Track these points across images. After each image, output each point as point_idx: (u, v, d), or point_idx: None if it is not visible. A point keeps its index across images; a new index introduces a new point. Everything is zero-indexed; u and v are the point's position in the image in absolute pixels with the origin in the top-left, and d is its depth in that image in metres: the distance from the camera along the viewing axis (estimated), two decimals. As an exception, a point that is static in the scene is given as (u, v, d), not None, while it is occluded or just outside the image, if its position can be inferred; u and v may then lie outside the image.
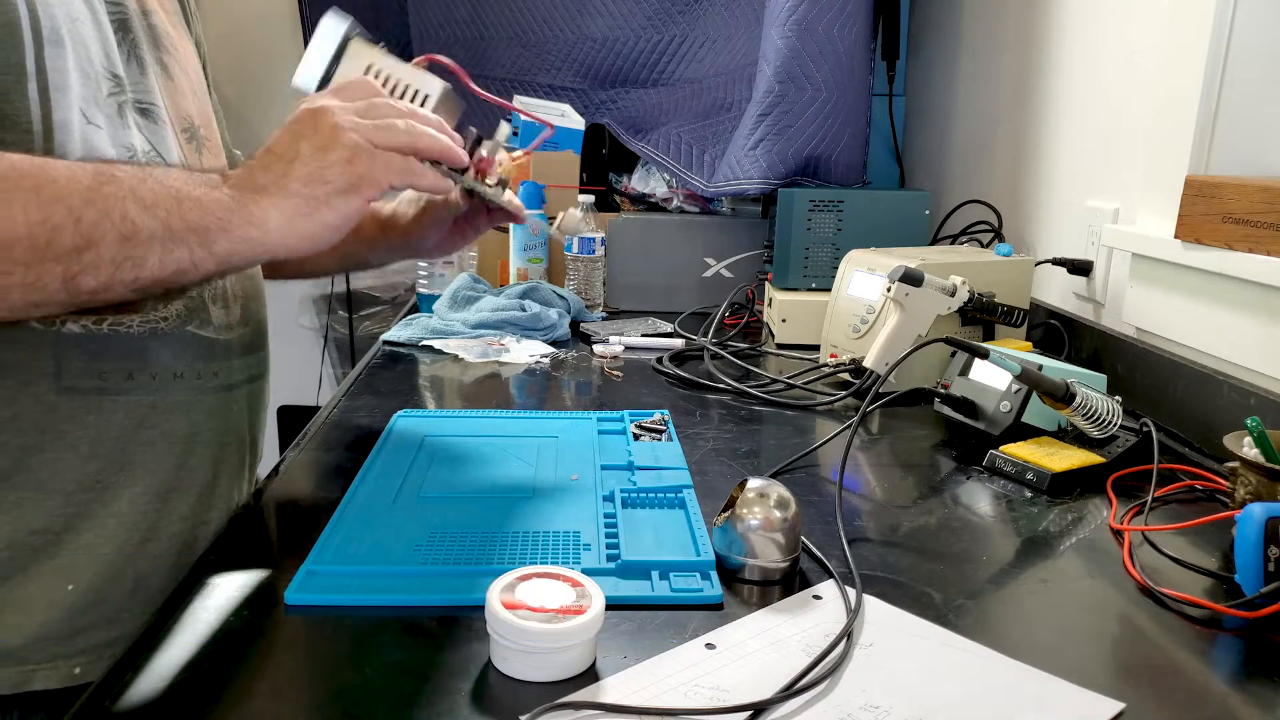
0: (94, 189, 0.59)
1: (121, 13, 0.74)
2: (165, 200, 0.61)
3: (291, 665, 0.55)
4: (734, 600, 0.64)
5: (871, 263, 1.19)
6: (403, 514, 0.76)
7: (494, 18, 2.02)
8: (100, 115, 0.69)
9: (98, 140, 0.68)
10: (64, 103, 0.66)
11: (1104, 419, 0.90)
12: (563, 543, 0.71)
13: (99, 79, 0.69)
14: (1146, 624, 0.64)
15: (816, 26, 1.50)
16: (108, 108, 0.70)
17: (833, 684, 0.55)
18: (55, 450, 0.69)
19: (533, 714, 0.50)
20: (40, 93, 0.64)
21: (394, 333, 1.35)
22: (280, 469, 0.86)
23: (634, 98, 1.90)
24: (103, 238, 0.59)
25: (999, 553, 0.74)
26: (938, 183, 1.82)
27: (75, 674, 0.70)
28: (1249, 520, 0.64)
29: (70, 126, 0.66)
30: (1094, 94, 1.29)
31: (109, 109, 0.70)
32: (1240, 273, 0.94)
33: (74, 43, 0.67)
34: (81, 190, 0.58)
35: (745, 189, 1.54)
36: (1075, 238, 1.31)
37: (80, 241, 0.58)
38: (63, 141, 0.65)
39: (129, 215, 0.59)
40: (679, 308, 1.58)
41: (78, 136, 0.66)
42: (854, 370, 1.14)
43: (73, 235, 0.58)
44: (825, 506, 0.80)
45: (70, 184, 0.58)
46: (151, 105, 0.75)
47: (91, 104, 0.68)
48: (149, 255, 0.61)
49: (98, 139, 0.68)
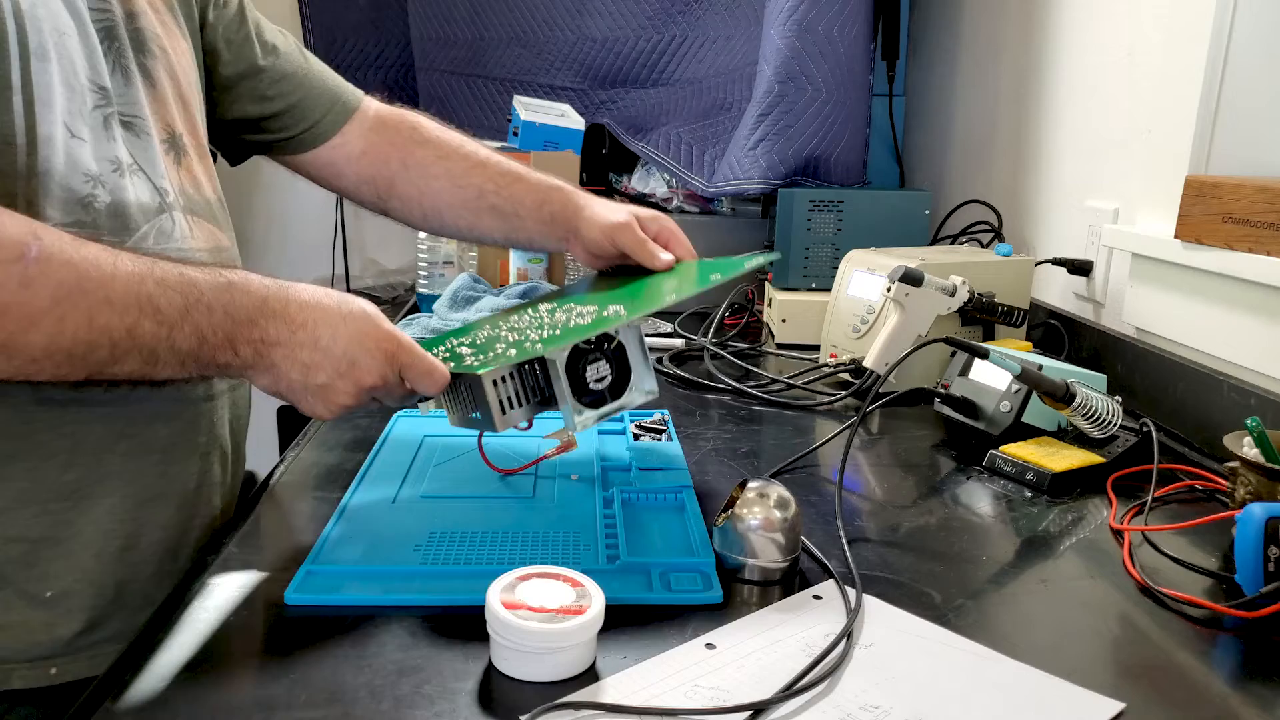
0: (135, 326, 0.62)
1: (108, 19, 0.73)
2: (196, 344, 0.64)
3: (291, 665, 0.55)
4: (734, 600, 0.64)
5: (871, 263, 1.19)
6: (403, 514, 0.76)
7: (494, 18, 2.02)
8: (85, 128, 0.69)
9: (81, 154, 0.68)
10: (48, 117, 0.65)
11: (1104, 419, 0.90)
12: (563, 543, 0.71)
13: (84, 92, 0.69)
14: (1146, 624, 0.64)
15: (816, 26, 1.50)
16: (93, 120, 0.70)
17: (833, 684, 0.55)
18: (33, 460, 0.68)
19: (533, 714, 0.50)
20: (25, 106, 0.64)
21: (394, 333, 1.35)
22: (280, 469, 0.86)
23: (634, 98, 1.90)
24: (127, 357, 0.62)
25: (999, 553, 0.74)
26: (938, 183, 1.82)
27: (51, 674, 0.70)
28: (1249, 520, 0.64)
29: (54, 141, 0.66)
30: (1094, 94, 1.29)
31: (94, 121, 0.70)
32: (1240, 273, 0.94)
33: (60, 57, 0.67)
34: (127, 326, 0.61)
35: (745, 189, 1.54)
36: (1075, 238, 1.31)
37: (111, 358, 0.62)
38: (47, 156, 0.65)
39: (157, 351, 0.63)
40: (679, 308, 1.58)
41: (61, 150, 0.66)
42: (854, 370, 1.14)
43: (108, 354, 0.61)
44: (825, 506, 0.80)
45: (124, 313, 0.61)
46: (134, 118, 0.74)
47: (76, 117, 0.68)
48: (160, 373, 0.65)
49: (81, 152, 0.68)
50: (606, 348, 0.71)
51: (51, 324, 0.59)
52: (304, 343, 0.67)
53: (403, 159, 0.99)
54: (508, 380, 0.71)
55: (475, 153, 1.00)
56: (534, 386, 0.73)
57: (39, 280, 0.58)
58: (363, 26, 2.16)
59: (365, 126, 0.99)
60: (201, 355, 0.65)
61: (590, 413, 0.70)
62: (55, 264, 0.59)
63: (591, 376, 0.70)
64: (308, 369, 0.68)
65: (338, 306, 0.69)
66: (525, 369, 0.72)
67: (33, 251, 0.58)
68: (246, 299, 0.66)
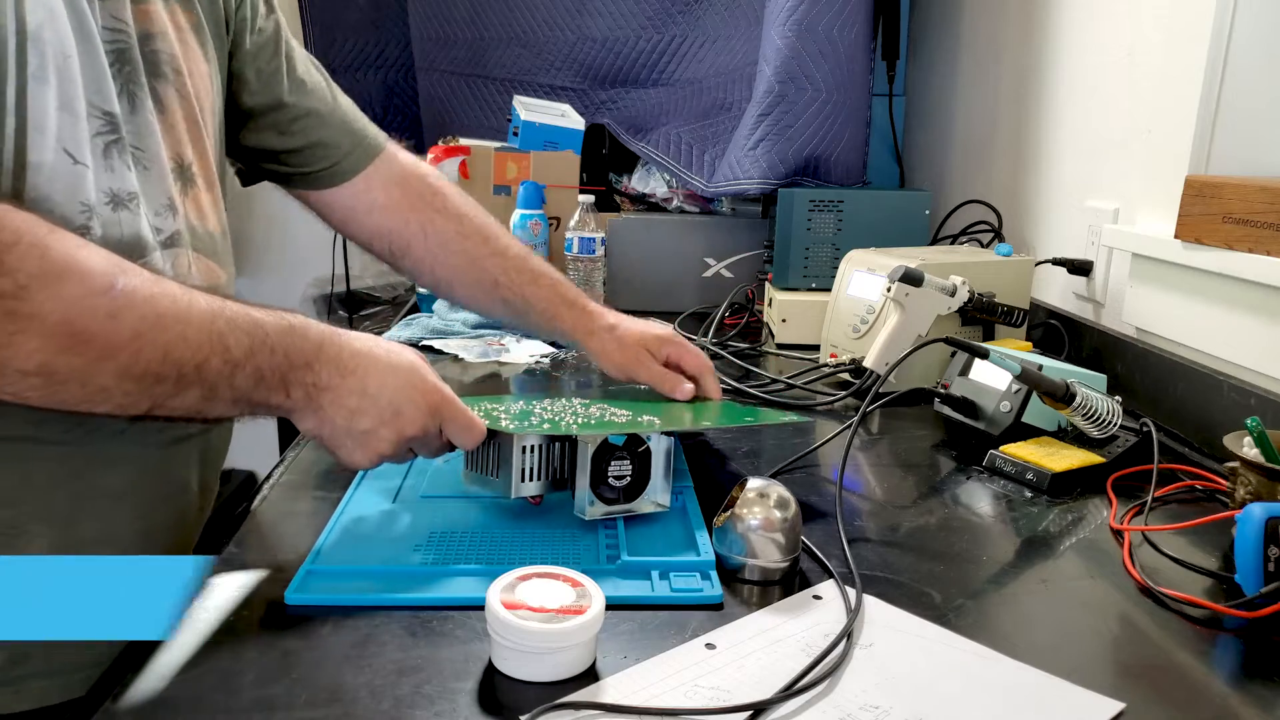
0: (204, 363, 0.62)
1: (121, 42, 0.72)
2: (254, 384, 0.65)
3: (291, 665, 0.55)
4: (734, 600, 0.64)
5: (871, 263, 1.19)
6: (403, 514, 0.76)
7: (494, 18, 2.02)
8: (87, 154, 0.67)
9: (81, 183, 0.67)
10: (40, 142, 0.64)
11: (1104, 419, 0.90)
12: (563, 543, 0.71)
13: (85, 118, 0.67)
14: (1146, 624, 0.64)
15: (816, 26, 1.50)
16: (94, 147, 0.68)
17: (833, 684, 0.55)
18: None
19: (533, 714, 0.50)
20: (17, 130, 0.63)
21: (394, 333, 1.35)
22: (280, 469, 0.86)
23: (634, 98, 1.90)
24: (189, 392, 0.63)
25: (999, 553, 0.74)
26: (938, 183, 1.82)
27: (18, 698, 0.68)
28: (1249, 520, 0.64)
29: (44, 168, 0.64)
30: (1094, 94, 1.29)
31: (95, 149, 0.68)
32: (1240, 273, 0.94)
33: (60, 80, 0.65)
34: (197, 363, 0.62)
35: (745, 189, 1.54)
36: (1075, 238, 1.31)
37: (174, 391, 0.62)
38: (36, 183, 0.64)
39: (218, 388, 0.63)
40: (679, 308, 1.58)
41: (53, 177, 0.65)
42: (854, 370, 1.14)
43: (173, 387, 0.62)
44: (825, 506, 0.80)
45: (196, 349, 0.62)
46: (140, 149, 0.73)
47: (77, 144, 0.66)
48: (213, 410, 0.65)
49: (81, 181, 0.67)
50: (635, 450, 0.74)
51: (129, 356, 0.59)
52: (353, 389, 0.68)
53: (423, 225, 0.98)
54: (534, 450, 0.74)
55: (496, 238, 1.00)
56: (555, 466, 0.76)
57: (124, 312, 0.59)
58: (363, 26, 2.16)
59: (388, 177, 0.98)
60: (256, 395, 0.65)
61: (601, 506, 0.73)
62: (140, 298, 0.60)
63: (613, 473, 0.73)
64: (353, 415, 0.68)
65: (387, 356, 0.71)
66: (553, 447, 0.75)
67: (119, 284, 0.59)
68: (305, 343, 0.67)
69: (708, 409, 0.94)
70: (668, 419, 0.82)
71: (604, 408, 0.85)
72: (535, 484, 0.74)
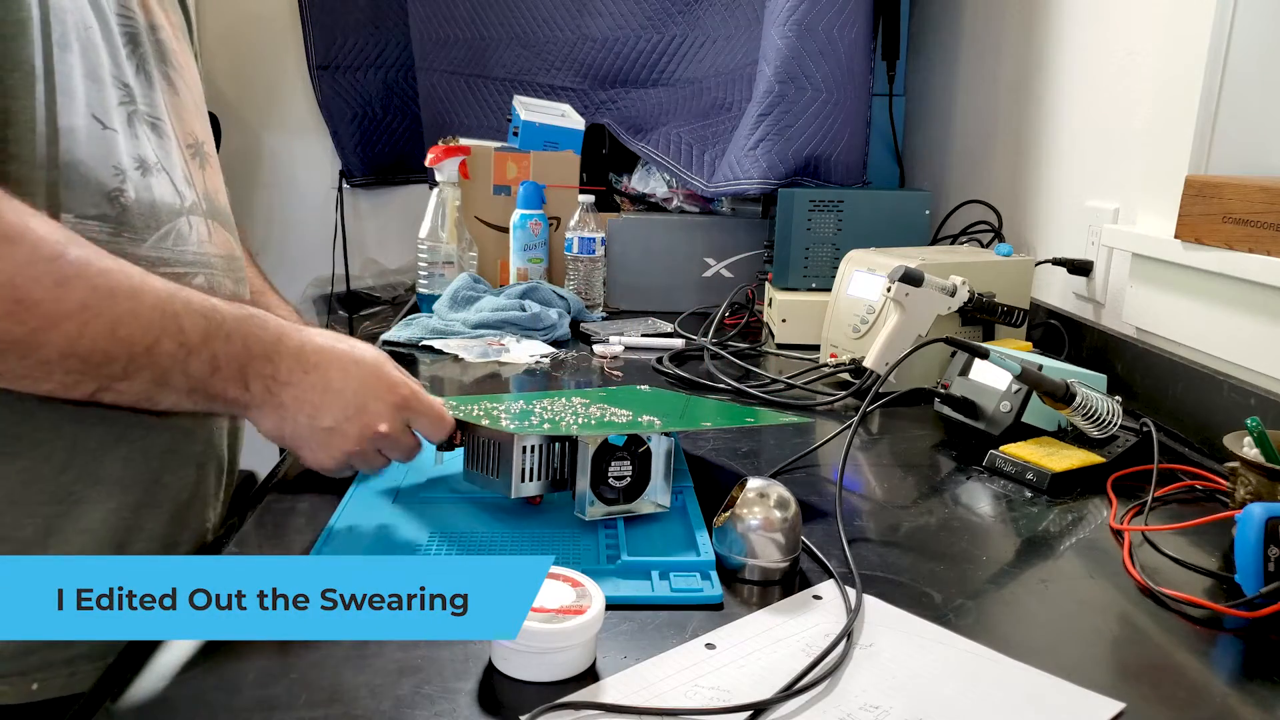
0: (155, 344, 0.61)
1: (132, 27, 0.73)
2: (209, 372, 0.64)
3: (291, 665, 0.55)
4: (734, 600, 0.64)
5: (871, 263, 1.19)
6: (403, 514, 0.76)
7: (494, 18, 2.02)
8: (115, 120, 0.68)
9: (113, 147, 0.67)
10: (70, 107, 0.65)
11: (1104, 419, 0.90)
12: (562, 542, 0.71)
13: (109, 87, 0.69)
14: (1146, 624, 0.64)
15: (816, 26, 1.50)
16: (119, 116, 0.69)
17: (833, 684, 0.55)
18: (29, 460, 0.67)
19: (533, 714, 0.50)
20: (47, 94, 0.64)
21: (394, 333, 1.35)
22: (280, 469, 0.86)
23: (634, 98, 1.90)
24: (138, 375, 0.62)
25: (999, 553, 0.74)
26: (938, 183, 1.82)
27: (33, 690, 0.68)
28: (1249, 520, 0.64)
29: (76, 133, 0.65)
30: (1094, 94, 1.29)
31: (120, 117, 0.69)
32: (1240, 273, 0.94)
33: (83, 48, 0.66)
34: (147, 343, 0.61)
35: (745, 189, 1.54)
36: (1075, 238, 1.31)
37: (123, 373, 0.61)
38: (69, 147, 0.65)
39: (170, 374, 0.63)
40: (679, 308, 1.58)
41: (86, 142, 0.66)
42: (854, 370, 1.14)
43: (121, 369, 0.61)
44: (825, 506, 0.80)
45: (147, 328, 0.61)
46: (158, 120, 0.74)
47: (103, 110, 0.68)
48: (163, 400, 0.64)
49: (113, 145, 0.67)
50: (635, 451, 0.74)
51: (74, 327, 0.58)
52: (315, 385, 0.68)
53: None
54: (534, 450, 0.74)
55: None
56: (555, 466, 0.76)
57: (74, 281, 0.58)
58: (363, 26, 2.16)
59: None
60: (211, 385, 0.64)
61: (601, 507, 0.73)
62: (91, 269, 0.59)
63: (613, 473, 0.73)
64: (316, 411, 0.68)
65: (350, 351, 0.70)
66: (553, 447, 0.75)
67: (70, 254, 0.58)
68: (264, 333, 0.66)
69: (708, 409, 0.94)
70: (668, 419, 0.83)
71: (604, 408, 0.85)
72: (535, 484, 0.75)
